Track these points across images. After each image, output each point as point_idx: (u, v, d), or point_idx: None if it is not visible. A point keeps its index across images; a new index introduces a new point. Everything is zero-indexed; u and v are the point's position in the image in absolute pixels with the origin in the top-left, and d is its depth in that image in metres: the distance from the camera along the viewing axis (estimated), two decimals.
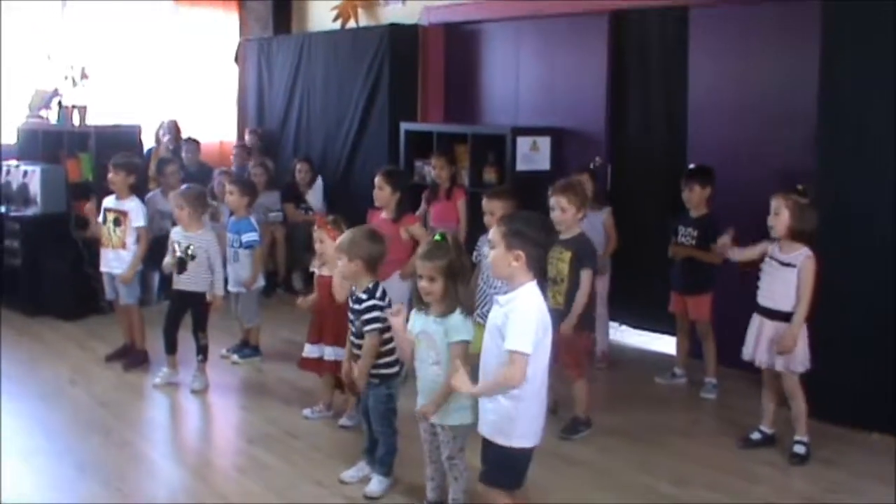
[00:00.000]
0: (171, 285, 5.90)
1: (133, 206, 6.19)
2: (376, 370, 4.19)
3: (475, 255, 5.28)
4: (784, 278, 4.61)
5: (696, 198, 5.69)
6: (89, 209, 6.31)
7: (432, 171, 7.09)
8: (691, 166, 6.04)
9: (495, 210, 5.05)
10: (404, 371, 4.32)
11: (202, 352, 5.83)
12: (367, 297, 4.19)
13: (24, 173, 7.65)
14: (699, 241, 5.60)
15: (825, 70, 5.18)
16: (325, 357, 5.01)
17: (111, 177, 6.21)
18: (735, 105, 6.19)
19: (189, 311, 5.83)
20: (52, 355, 6.51)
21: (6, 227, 7.65)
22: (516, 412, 3.31)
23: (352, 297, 4.31)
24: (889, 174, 4.89)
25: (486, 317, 3.49)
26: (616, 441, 4.95)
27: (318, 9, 9.66)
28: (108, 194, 6.36)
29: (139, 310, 6.34)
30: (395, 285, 5.31)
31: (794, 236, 4.59)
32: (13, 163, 7.85)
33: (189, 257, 5.69)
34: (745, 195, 5.54)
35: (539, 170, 7.03)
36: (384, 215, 5.73)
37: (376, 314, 4.12)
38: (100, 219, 6.25)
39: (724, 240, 4.99)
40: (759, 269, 4.75)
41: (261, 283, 6.45)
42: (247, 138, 9.60)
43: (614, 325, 6.80)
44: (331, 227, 4.90)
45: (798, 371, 4.63)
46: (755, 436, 4.88)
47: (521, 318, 3.25)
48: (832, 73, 5.15)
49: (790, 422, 4.75)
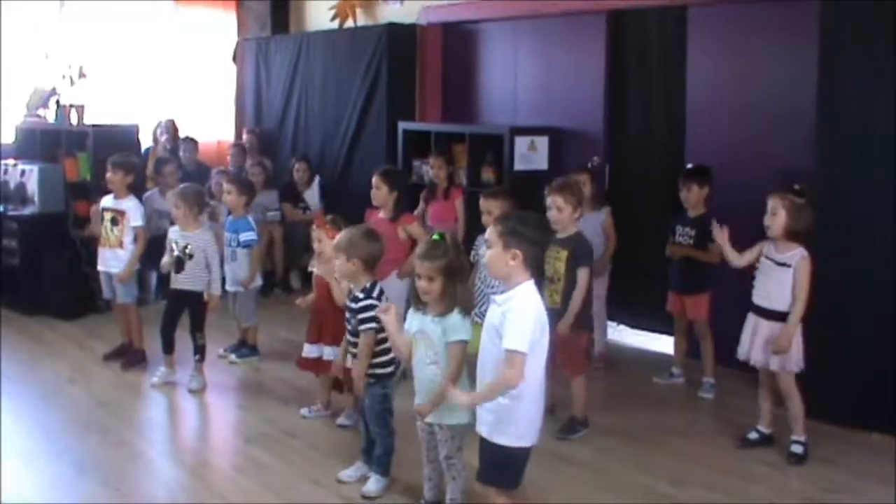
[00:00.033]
0: (169, 285, 5.90)
1: (131, 205, 6.19)
2: (371, 370, 4.19)
3: (473, 254, 5.28)
4: (779, 278, 4.61)
5: (693, 197, 5.69)
6: (95, 211, 6.29)
7: (430, 170, 7.08)
8: (689, 166, 6.04)
9: (493, 209, 5.06)
10: (400, 370, 4.31)
11: (200, 351, 5.82)
12: (363, 296, 4.19)
13: (22, 172, 7.64)
14: (697, 240, 5.60)
15: (824, 70, 5.18)
16: (325, 357, 5.01)
17: (109, 176, 6.21)
18: (734, 105, 6.19)
19: (187, 310, 5.83)
20: (50, 355, 6.51)
21: (4, 226, 7.63)
22: (514, 411, 3.31)
23: (349, 295, 4.31)
24: (889, 174, 4.88)
25: (484, 316, 3.48)
26: (614, 441, 4.95)
27: (316, 8, 9.65)
28: (105, 194, 6.37)
29: (137, 309, 6.34)
30: (393, 285, 5.31)
31: (791, 236, 4.59)
32: (11, 162, 7.84)
33: (187, 257, 5.69)
34: (744, 195, 5.52)
35: (537, 169, 7.03)
36: (382, 215, 5.73)
37: (372, 313, 4.10)
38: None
39: (722, 239, 4.86)
40: (755, 268, 4.75)
41: (258, 282, 6.44)
42: (244, 138, 9.59)
43: (612, 324, 6.80)
44: (329, 227, 4.89)
45: (794, 371, 4.63)
46: (753, 435, 4.88)
47: (519, 317, 3.25)
48: (831, 72, 5.15)
49: (788, 421, 4.74)
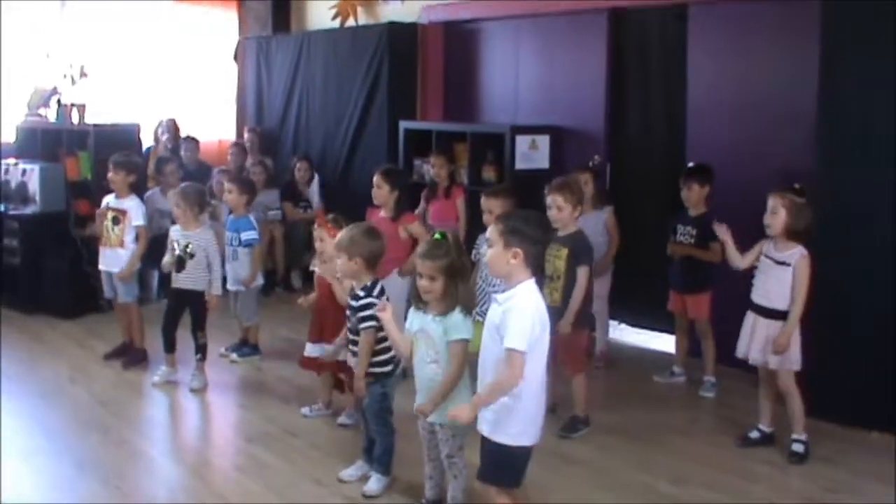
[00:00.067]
0: (170, 284, 5.90)
1: (132, 204, 6.19)
2: (370, 368, 4.19)
3: (474, 253, 5.28)
4: (779, 277, 4.61)
5: (694, 196, 5.69)
6: (101, 213, 6.29)
7: (431, 169, 7.08)
8: (690, 165, 6.04)
9: (494, 208, 5.06)
10: (399, 369, 4.32)
11: (201, 350, 5.82)
12: (364, 294, 4.19)
13: (23, 172, 7.64)
14: (698, 239, 5.60)
15: (825, 69, 5.18)
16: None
17: (111, 176, 6.21)
18: (735, 104, 6.18)
19: (188, 309, 5.83)
20: (51, 354, 6.51)
21: (5, 225, 7.63)
22: (515, 410, 3.31)
23: (350, 293, 4.32)
24: (889, 174, 4.88)
25: (485, 315, 3.48)
26: (615, 440, 4.95)
27: (317, 7, 9.65)
28: (107, 193, 6.37)
29: (138, 308, 6.34)
30: (394, 283, 5.31)
31: (790, 235, 4.59)
32: (12, 161, 7.84)
33: (188, 256, 5.69)
34: (744, 195, 5.52)
35: (538, 168, 7.03)
36: (383, 214, 5.73)
37: (371, 312, 4.10)
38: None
39: (725, 236, 4.82)
40: (755, 267, 4.75)
41: (260, 281, 6.44)
42: (245, 137, 9.59)
43: (613, 323, 6.79)
44: (331, 226, 4.89)
45: (793, 369, 4.63)
46: (754, 434, 4.88)
47: (519, 316, 3.25)
48: (832, 72, 5.14)
49: (788, 420, 4.74)
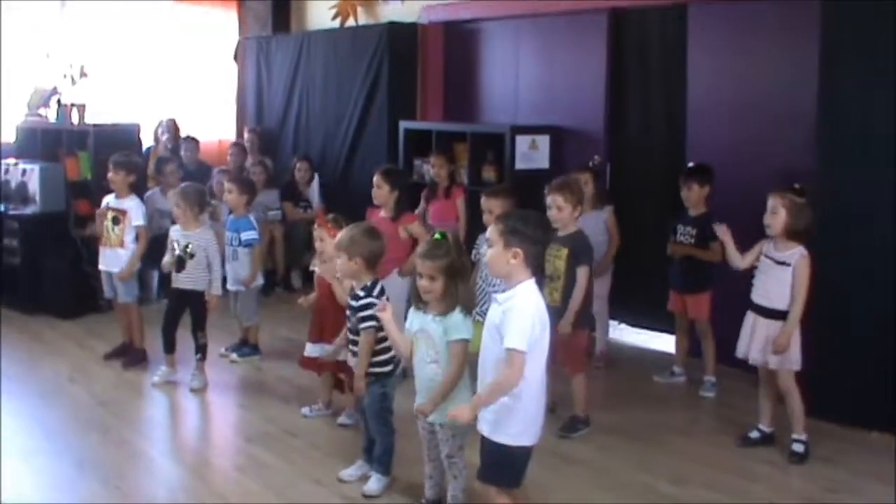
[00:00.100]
0: (170, 284, 5.90)
1: (133, 204, 6.19)
2: (370, 368, 4.19)
3: (474, 253, 5.28)
4: (779, 276, 4.61)
5: (694, 196, 5.69)
6: (101, 213, 6.29)
7: (431, 169, 7.08)
8: (690, 165, 6.04)
9: (494, 208, 5.05)
10: (399, 369, 4.32)
11: (201, 350, 5.82)
12: (364, 294, 4.19)
13: (23, 172, 7.64)
14: (698, 239, 5.60)
15: (825, 69, 5.18)
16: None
17: (111, 176, 6.21)
18: (735, 104, 6.18)
19: (188, 309, 5.83)
20: (51, 354, 6.51)
21: (5, 225, 7.63)
22: (515, 410, 3.31)
23: (350, 293, 4.32)
24: (889, 174, 4.88)
25: (485, 315, 3.48)
26: (615, 440, 4.95)
27: (317, 7, 9.65)
28: (107, 193, 6.37)
29: (138, 308, 6.34)
30: (394, 283, 5.31)
31: (790, 235, 4.59)
32: (12, 161, 7.84)
33: (188, 256, 5.69)
34: (744, 195, 5.52)
35: (538, 168, 7.03)
36: (383, 214, 5.73)
37: (371, 311, 4.10)
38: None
39: (726, 237, 4.83)
40: (755, 267, 4.75)
41: (260, 281, 6.44)
42: (245, 137, 9.59)
43: (613, 323, 6.79)
44: (331, 226, 4.89)
45: (793, 369, 4.63)
46: (754, 434, 4.88)
47: (519, 316, 3.25)
48: (832, 72, 5.14)
49: (788, 420, 4.74)
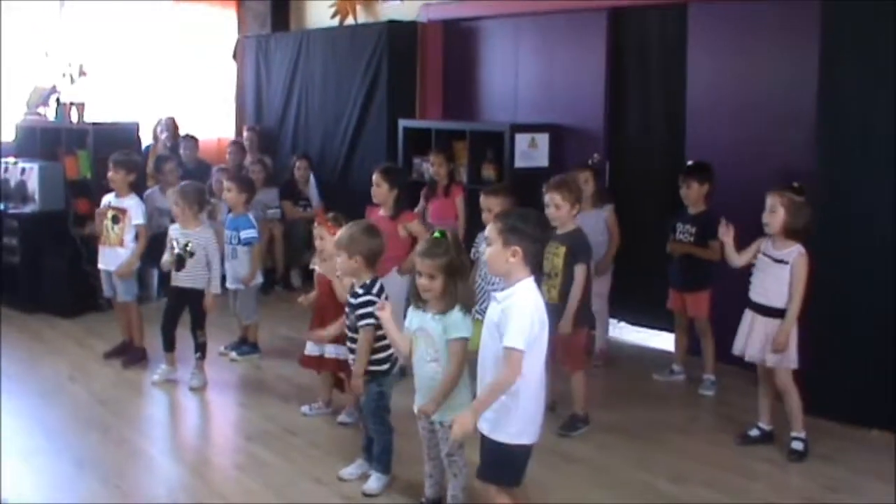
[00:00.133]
0: (170, 282, 5.90)
1: (132, 203, 6.19)
2: (367, 367, 4.19)
3: (473, 251, 5.28)
4: (776, 275, 4.61)
5: (693, 194, 5.69)
6: (101, 212, 6.29)
7: (431, 168, 7.08)
8: (689, 163, 6.04)
9: (493, 207, 5.05)
10: (396, 368, 4.31)
11: (200, 349, 5.82)
12: (363, 291, 4.19)
13: (23, 170, 7.64)
14: (697, 237, 5.60)
15: (825, 69, 5.17)
16: (326, 354, 5.01)
17: (111, 175, 6.20)
18: (734, 103, 6.18)
19: (187, 308, 5.83)
20: (50, 353, 6.51)
21: (5, 224, 7.63)
22: (514, 409, 3.31)
23: (350, 291, 4.32)
24: (889, 174, 4.88)
25: (484, 313, 3.48)
26: (614, 438, 4.95)
27: (316, 6, 9.64)
28: (106, 192, 6.36)
29: (137, 307, 6.33)
30: (394, 281, 5.32)
31: (789, 234, 4.59)
32: (11, 160, 7.83)
33: (187, 254, 5.69)
34: (744, 194, 5.51)
35: (537, 167, 7.02)
36: (382, 212, 5.73)
37: (370, 309, 4.10)
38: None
39: (728, 236, 4.83)
40: (752, 264, 4.75)
41: (259, 279, 6.45)
42: (245, 135, 9.58)
43: (613, 321, 6.78)
44: (331, 224, 4.89)
45: (791, 367, 4.63)
46: (753, 432, 4.88)
47: (517, 314, 3.25)
48: (832, 72, 5.14)
49: (787, 418, 4.74)
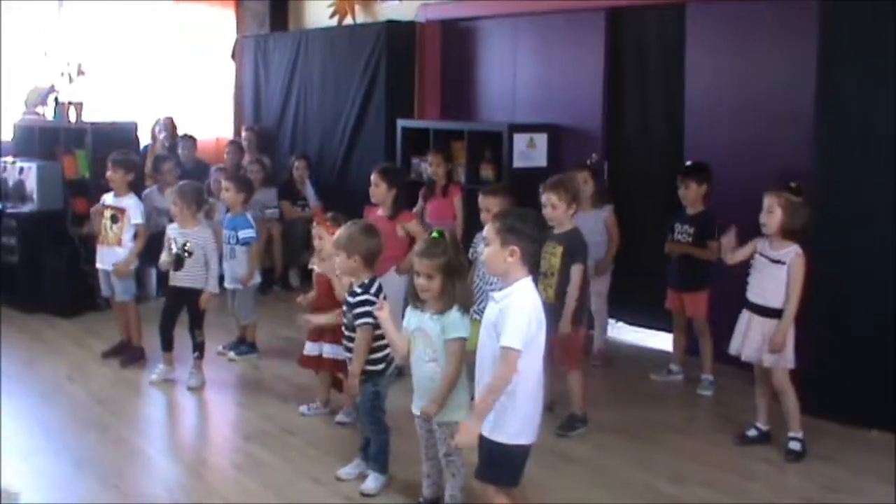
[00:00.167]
0: (168, 282, 5.89)
1: (131, 203, 6.19)
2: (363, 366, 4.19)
3: (472, 251, 5.27)
4: (774, 275, 4.61)
5: (692, 195, 5.69)
6: (96, 210, 6.29)
7: (429, 167, 7.07)
8: (688, 163, 6.04)
9: (491, 207, 5.05)
10: (392, 368, 4.31)
11: (199, 349, 5.81)
12: (361, 290, 4.19)
13: (21, 170, 7.63)
14: (696, 238, 5.60)
15: (823, 69, 5.17)
16: (325, 354, 5.01)
17: (110, 174, 6.20)
18: (733, 103, 6.18)
19: (186, 307, 5.83)
20: (49, 352, 6.50)
21: (3, 223, 7.62)
22: (512, 409, 3.30)
23: (348, 290, 4.32)
24: (889, 174, 4.88)
25: (482, 313, 3.48)
26: (613, 438, 4.95)
27: (314, 6, 9.64)
28: (104, 191, 6.36)
29: (136, 307, 6.33)
30: (392, 281, 5.32)
31: (786, 234, 4.59)
32: (9, 159, 7.82)
33: (186, 254, 5.68)
34: (743, 194, 5.50)
35: (536, 167, 7.01)
36: (381, 212, 5.73)
37: (368, 308, 4.11)
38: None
39: (729, 240, 4.85)
40: (749, 265, 4.75)
41: (257, 279, 6.44)
42: (243, 135, 9.57)
43: (611, 321, 6.76)
44: (330, 224, 4.89)
45: (787, 367, 4.63)
46: (751, 433, 4.88)
47: (515, 314, 3.25)
48: (831, 72, 5.14)
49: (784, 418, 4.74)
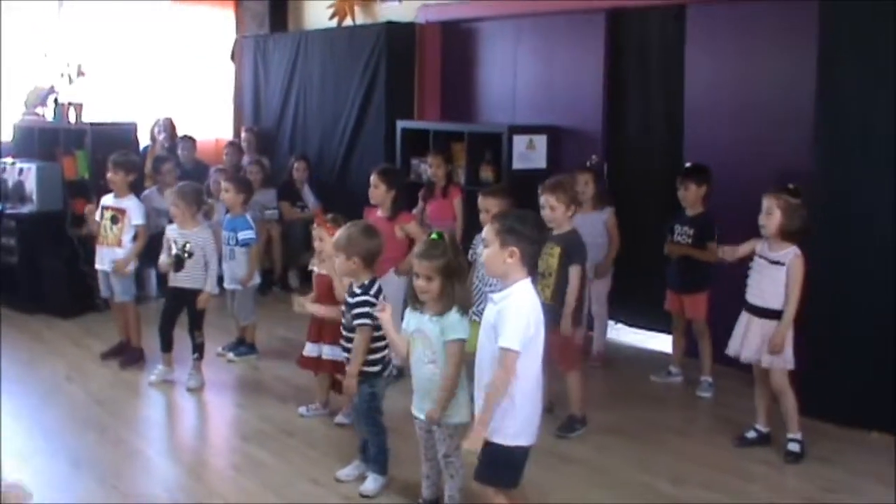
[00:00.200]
0: (168, 283, 5.89)
1: (132, 204, 6.19)
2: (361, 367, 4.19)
3: (471, 253, 5.27)
4: (773, 276, 4.61)
5: (691, 196, 5.68)
6: (90, 210, 6.30)
7: (429, 169, 7.07)
8: (687, 165, 6.04)
9: (490, 208, 5.05)
10: (389, 370, 4.31)
11: (198, 350, 5.81)
12: (360, 291, 4.20)
13: (20, 171, 7.62)
14: (695, 239, 5.60)
15: (823, 69, 5.18)
16: (324, 356, 5.01)
17: (110, 176, 6.20)
18: (733, 104, 6.18)
19: (185, 308, 5.82)
20: (48, 353, 6.50)
21: (2, 224, 7.62)
22: (512, 410, 3.30)
23: (348, 291, 4.32)
24: (889, 174, 4.88)
25: (482, 314, 3.48)
26: (612, 439, 4.95)
27: (314, 7, 9.64)
28: (104, 192, 6.36)
29: (135, 307, 6.33)
30: (391, 282, 5.32)
31: (785, 235, 4.59)
32: (9, 160, 7.82)
33: (186, 255, 5.68)
34: (743, 195, 5.50)
35: (535, 168, 7.00)
36: (380, 213, 5.73)
37: (367, 309, 4.11)
38: (97, 216, 6.23)
39: (730, 251, 4.87)
40: (748, 266, 4.75)
41: (257, 280, 6.44)
42: (242, 136, 9.57)
43: (610, 323, 6.76)
44: (330, 225, 4.89)
45: (786, 368, 4.63)
46: (751, 434, 4.88)
47: (514, 315, 3.25)
48: (831, 72, 5.14)
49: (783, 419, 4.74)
